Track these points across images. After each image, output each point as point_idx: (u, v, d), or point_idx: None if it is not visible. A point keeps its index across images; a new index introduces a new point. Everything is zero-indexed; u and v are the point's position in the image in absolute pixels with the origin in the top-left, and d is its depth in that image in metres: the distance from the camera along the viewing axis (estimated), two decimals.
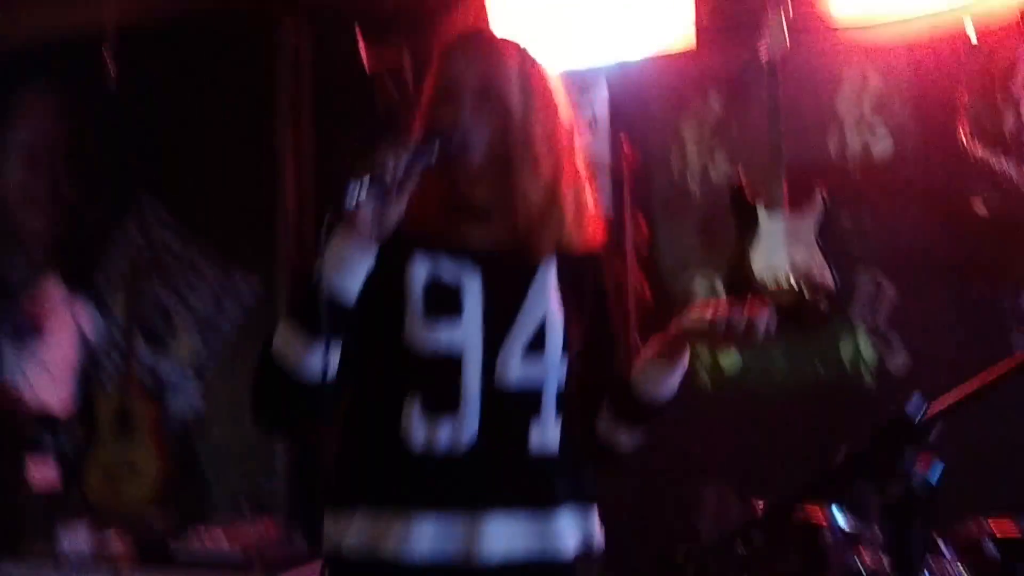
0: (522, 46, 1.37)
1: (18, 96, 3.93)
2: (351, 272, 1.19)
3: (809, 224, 2.70)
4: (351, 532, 1.27)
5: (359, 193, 1.13)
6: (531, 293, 1.30)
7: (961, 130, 2.61)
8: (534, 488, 1.27)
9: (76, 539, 3.10)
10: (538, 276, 1.32)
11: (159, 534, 3.13)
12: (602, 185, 3.03)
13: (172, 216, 3.62)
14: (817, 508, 1.56)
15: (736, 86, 2.97)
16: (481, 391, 1.25)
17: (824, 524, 1.55)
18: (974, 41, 2.66)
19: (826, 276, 2.66)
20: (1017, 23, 2.58)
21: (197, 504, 3.36)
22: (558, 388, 1.30)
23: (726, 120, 2.99)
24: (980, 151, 2.58)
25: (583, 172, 1.37)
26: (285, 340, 1.21)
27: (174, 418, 3.51)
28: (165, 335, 3.60)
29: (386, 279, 1.26)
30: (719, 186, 2.93)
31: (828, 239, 2.72)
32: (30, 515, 3.25)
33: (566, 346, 1.30)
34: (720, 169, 2.97)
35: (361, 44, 3.14)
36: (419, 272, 1.29)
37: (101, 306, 3.67)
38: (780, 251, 2.70)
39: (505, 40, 1.38)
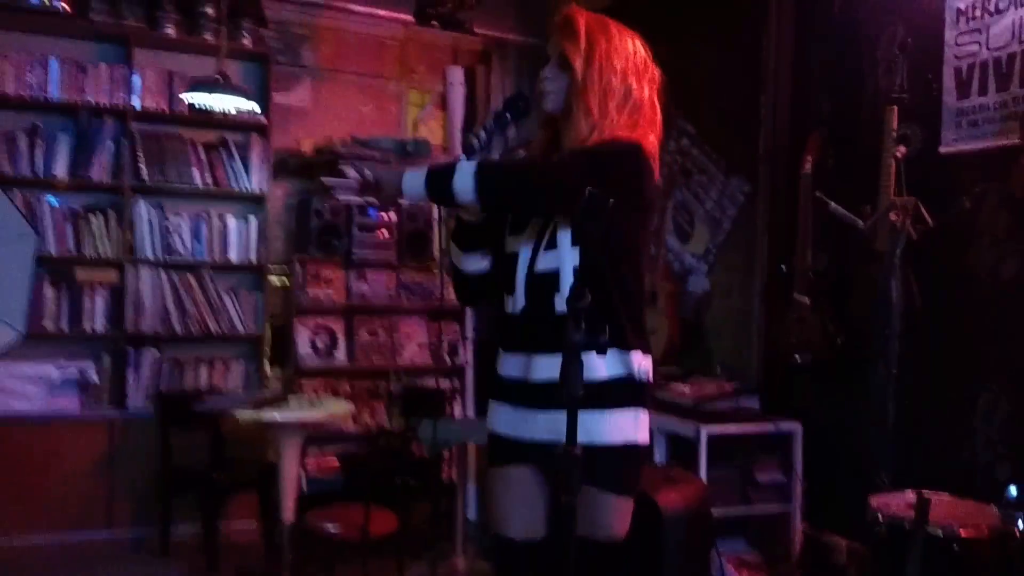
0: (601, 24, 1.82)
1: None
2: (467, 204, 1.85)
3: None
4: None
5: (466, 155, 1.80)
6: None
7: None
8: (562, 337, 1.72)
9: None
10: None
11: (664, 381, 3.92)
12: None
13: (694, 132, 4.26)
14: None
15: None
16: (526, 277, 1.80)
17: None
18: None
19: None
20: None
21: (694, 362, 4.05)
22: (574, 268, 1.73)
23: None
24: None
25: (632, 117, 1.81)
26: (450, 250, 1.95)
27: (689, 295, 4.23)
28: (687, 228, 4.30)
29: None
30: None
31: None
32: None
33: (574, 240, 1.74)
34: None
35: None
36: None
37: None
38: None
39: (584, 18, 1.83)
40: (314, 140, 4.74)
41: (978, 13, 2.92)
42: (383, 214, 4.69)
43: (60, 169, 4.17)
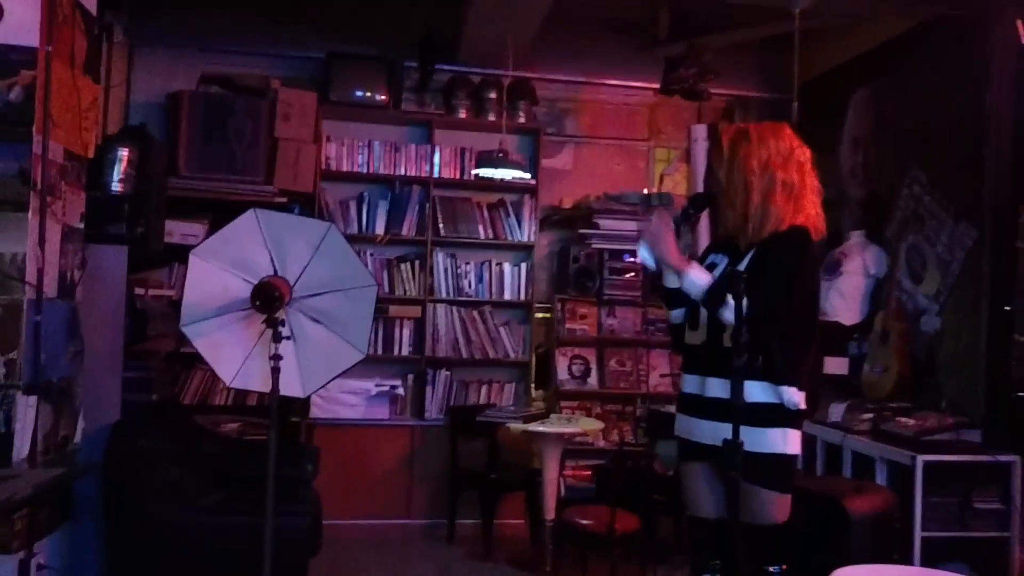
0: (741, 133, 2.32)
1: (847, 98, 5.25)
2: (670, 275, 2.41)
3: None
4: None
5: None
6: (737, 267, 2.31)
7: None
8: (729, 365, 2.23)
9: (838, 411, 4.43)
10: (744, 257, 2.34)
11: (885, 413, 4.18)
12: None
13: (927, 180, 4.48)
14: None
15: None
16: (708, 318, 2.33)
17: None
18: None
19: None
20: None
21: (922, 398, 4.24)
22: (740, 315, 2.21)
23: None
24: None
25: (783, 195, 2.28)
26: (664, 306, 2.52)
27: (920, 334, 4.42)
28: (920, 271, 4.51)
29: None
30: None
31: None
32: (824, 395, 4.66)
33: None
34: None
35: (1021, 27, 3.52)
36: (706, 261, 2.45)
37: (886, 249, 4.78)
38: None
39: (727, 134, 2.34)
40: (573, 197, 5.48)
41: None
42: (632, 259, 5.33)
43: (379, 227, 5.24)
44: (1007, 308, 3.66)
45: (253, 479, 3.14)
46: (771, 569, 2.16)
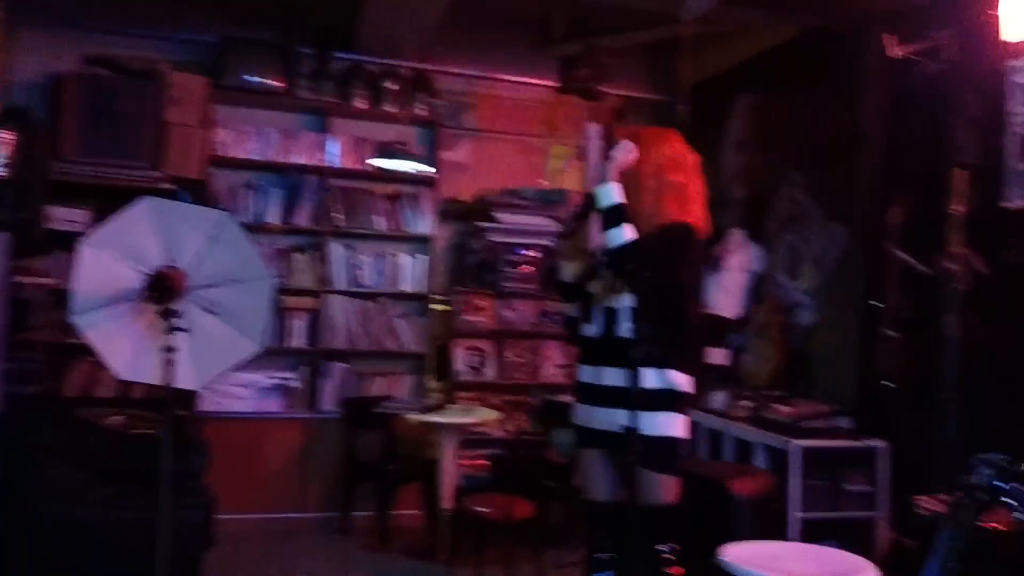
0: (636, 137, 2.47)
1: (732, 102, 5.48)
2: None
3: None
4: None
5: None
6: None
7: None
8: (622, 355, 2.34)
9: (719, 399, 4.64)
10: None
11: (763, 401, 4.40)
12: None
13: (804, 183, 4.74)
14: None
15: None
16: (602, 311, 2.44)
17: None
18: None
19: None
20: None
21: (798, 386, 4.50)
22: (632, 307, 2.36)
23: None
24: None
25: (672, 196, 2.43)
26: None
27: (795, 326, 4.68)
28: (796, 267, 4.77)
29: None
30: None
31: None
32: (707, 383, 4.87)
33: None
34: None
35: (887, 42, 3.78)
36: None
37: (765, 247, 5.02)
38: None
39: (624, 135, 2.48)
40: (472, 190, 5.53)
41: None
42: (527, 252, 5.42)
43: (272, 216, 5.15)
44: (876, 304, 3.91)
45: (140, 474, 3.06)
46: (662, 548, 2.27)
